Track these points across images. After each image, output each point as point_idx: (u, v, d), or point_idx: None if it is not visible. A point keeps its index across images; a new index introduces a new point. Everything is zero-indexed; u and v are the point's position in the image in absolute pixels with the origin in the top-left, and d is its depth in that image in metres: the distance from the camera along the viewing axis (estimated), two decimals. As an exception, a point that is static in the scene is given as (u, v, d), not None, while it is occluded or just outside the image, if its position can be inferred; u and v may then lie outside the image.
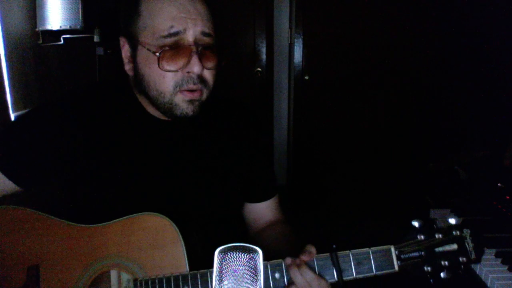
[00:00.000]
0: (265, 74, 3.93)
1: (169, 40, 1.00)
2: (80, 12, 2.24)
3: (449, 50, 3.56)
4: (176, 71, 1.01)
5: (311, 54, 3.78)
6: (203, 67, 1.02)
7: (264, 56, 3.90)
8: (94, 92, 1.17)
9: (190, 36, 1.01)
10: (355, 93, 3.79)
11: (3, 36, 1.99)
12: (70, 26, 2.24)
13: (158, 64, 1.00)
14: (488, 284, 1.20)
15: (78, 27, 2.26)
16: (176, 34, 1.00)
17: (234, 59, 3.72)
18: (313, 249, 0.94)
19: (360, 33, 3.67)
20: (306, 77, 3.80)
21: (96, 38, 2.47)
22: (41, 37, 2.27)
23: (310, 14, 3.73)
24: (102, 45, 2.66)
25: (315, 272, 0.91)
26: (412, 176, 3.17)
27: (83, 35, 2.36)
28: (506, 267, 1.25)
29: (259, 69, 3.92)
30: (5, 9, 2.04)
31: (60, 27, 2.23)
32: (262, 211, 1.28)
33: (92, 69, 2.74)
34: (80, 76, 2.71)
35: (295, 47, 3.79)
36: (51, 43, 2.32)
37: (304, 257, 0.92)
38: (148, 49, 1.01)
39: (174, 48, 1.00)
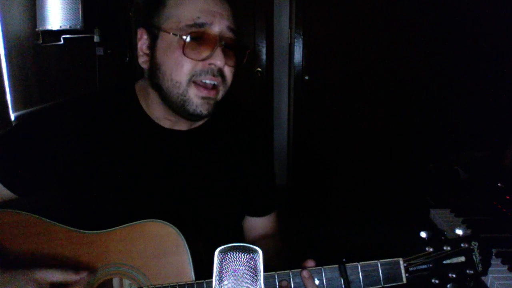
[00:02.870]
0: (265, 74, 3.93)
1: (193, 30, 0.99)
2: (80, 12, 2.24)
3: (449, 50, 3.56)
4: (198, 60, 1.00)
5: (311, 54, 3.78)
6: (225, 62, 1.01)
7: (264, 56, 3.91)
8: (96, 98, 1.14)
9: (216, 29, 1.00)
10: (355, 93, 3.79)
11: (3, 36, 1.99)
12: (70, 26, 2.24)
13: (183, 50, 0.98)
14: (488, 284, 1.20)
15: (78, 27, 2.26)
16: (201, 25, 0.99)
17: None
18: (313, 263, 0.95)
19: (360, 33, 3.67)
20: (306, 77, 3.80)
21: (96, 38, 2.48)
22: (41, 37, 2.27)
23: (310, 14, 3.73)
24: (102, 45, 2.66)
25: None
26: (412, 176, 3.17)
27: (83, 35, 2.36)
28: (506, 267, 1.25)
29: (259, 69, 3.92)
30: (5, 9, 2.03)
31: (60, 27, 2.23)
32: (259, 224, 1.27)
33: (92, 69, 2.74)
34: (80, 76, 2.71)
35: (295, 47, 3.79)
36: (51, 43, 2.32)
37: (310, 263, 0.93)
38: (174, 34, 0.99)
39: (198, 39, 0.99)
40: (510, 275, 1.22)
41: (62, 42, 2.33)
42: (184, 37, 0.98)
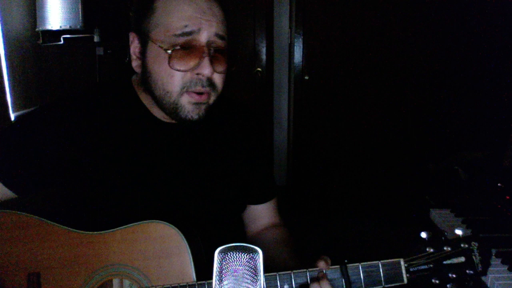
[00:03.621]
0: (265, 74, 3.93)
1: (181, 39, 0.98)
2: (80, 12, 2.24)
3: (449, 50, 3.56)
4: (186, 71, 0.99)
5: (311, 54, 3.78)
6: (214, 70, 1.01)
7: (264, 56, 3.90)
8: (95, 94, 1.14)
9: (203, 37, 0.99)
10: (355, 93, 3.79)
11: (3, 36, 2.00)
12: (70, 26, 2.25)
13: (168, 63, 0.98)
14: (488, 284, 1.20)
15: (78, 27, 2.27)
16: (189, 33, 0.98)
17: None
18: (328, 260, 0.94)
19: (360, 33, 3.67)
20: (306, 77, 3.80)
21: (96, 38, 2.48)
22: (41, 37, 2.27)
23: (310, 14, 3.73)
24: (102, 45, 2.66)
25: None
26: (412, 176, 3.18)
27: (83, 35, 2.37)
28: (506, 267, 1.25)
29: (259, 69, 3.92)
30: (5, 9, 2.04)
31: (60, 27, 2.23)
32: (261, 213, 1.27)
33: (92, 69, 2.74)
34: (80, 76, 2.71)
35: (295, 47, 3.79)
36: (51, 43, 2.32)
37: (320, 264, 0.93)
38: (160, 46, 0.99)
39: (186, 48, 0.98)
40: (510, 275, 1.22)
41: (62, 42, 2.33)
42: (169, 51, 0.98)
